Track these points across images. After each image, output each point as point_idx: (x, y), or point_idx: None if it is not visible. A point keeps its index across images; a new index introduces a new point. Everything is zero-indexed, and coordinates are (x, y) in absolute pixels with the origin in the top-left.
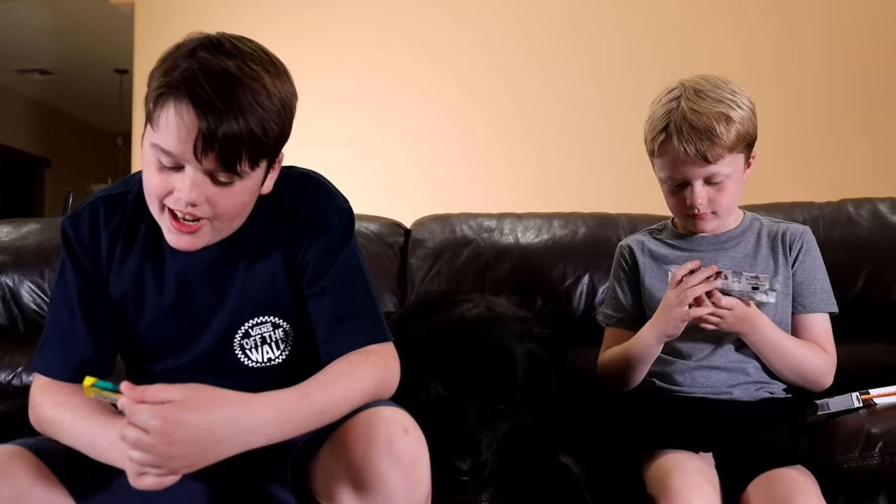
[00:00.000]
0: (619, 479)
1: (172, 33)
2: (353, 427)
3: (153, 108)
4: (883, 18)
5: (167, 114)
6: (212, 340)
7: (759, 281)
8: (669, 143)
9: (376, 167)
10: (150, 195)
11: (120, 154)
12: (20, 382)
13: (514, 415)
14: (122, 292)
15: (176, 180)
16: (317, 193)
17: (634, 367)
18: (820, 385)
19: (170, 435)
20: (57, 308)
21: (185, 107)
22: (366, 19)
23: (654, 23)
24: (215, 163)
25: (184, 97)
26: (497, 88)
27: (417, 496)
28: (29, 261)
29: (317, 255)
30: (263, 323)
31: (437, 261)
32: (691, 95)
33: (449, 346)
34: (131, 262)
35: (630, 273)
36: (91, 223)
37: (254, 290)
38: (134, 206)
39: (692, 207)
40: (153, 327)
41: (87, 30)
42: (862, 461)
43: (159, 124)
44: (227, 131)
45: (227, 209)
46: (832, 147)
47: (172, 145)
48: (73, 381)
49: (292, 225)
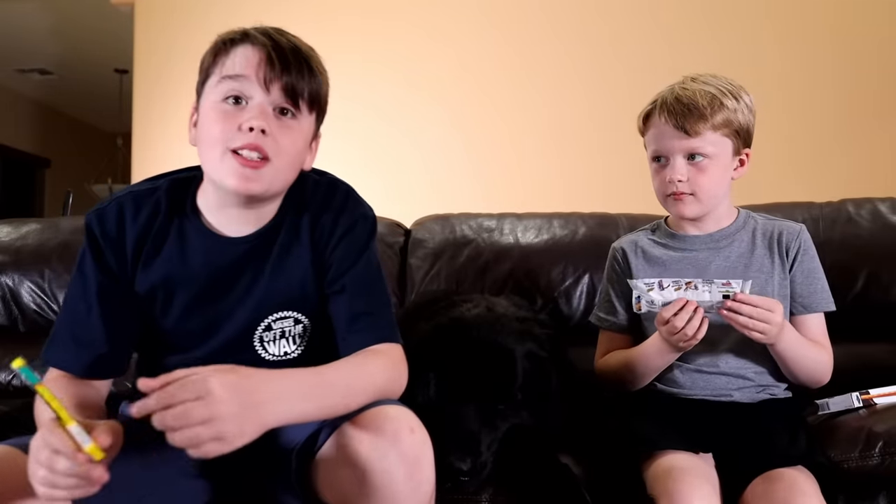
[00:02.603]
0: (619, 480)
1: (172, 33)
2: (360, 422)
3: (218, 54)
4: (883, 18)
5: (236, 51)
6: (234, 332)
7: (731, 287)
8: (654, 116)
9: (376, 167)
10: (213, 143)
11: (120, 154)
12: (20, 382)
13: (514, 415)
14: (151, 287)
15: (243, 114)
16: (346, 199)
17: (639, 379)
18: (822, 382)
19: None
20: (73, 302)
21: (254, 45)
22: (366, 19)
23: (655, 23)
24: (280, 92)
25: (254, 39)
26: (497, 88)
27: (421, 494)
28: (29, 261)
29: (340, 255)
30: (286, 318)
31: (437, 261)
32: (688, 81)
33: (449, 346)
34: (162, 259)
35: (623, 275)
36: (118, 219)
37: (282, 287)
38: (165, 204)
39: (671, 184)
40: (180, 321)
41: (87, 30)
42: (862, 461)
43: (226, 64)
44: (292, 60)
45: (286, 149)
46: (832, 147)
47: (243, 69)
48: (86, 376)
49: (321, 226)
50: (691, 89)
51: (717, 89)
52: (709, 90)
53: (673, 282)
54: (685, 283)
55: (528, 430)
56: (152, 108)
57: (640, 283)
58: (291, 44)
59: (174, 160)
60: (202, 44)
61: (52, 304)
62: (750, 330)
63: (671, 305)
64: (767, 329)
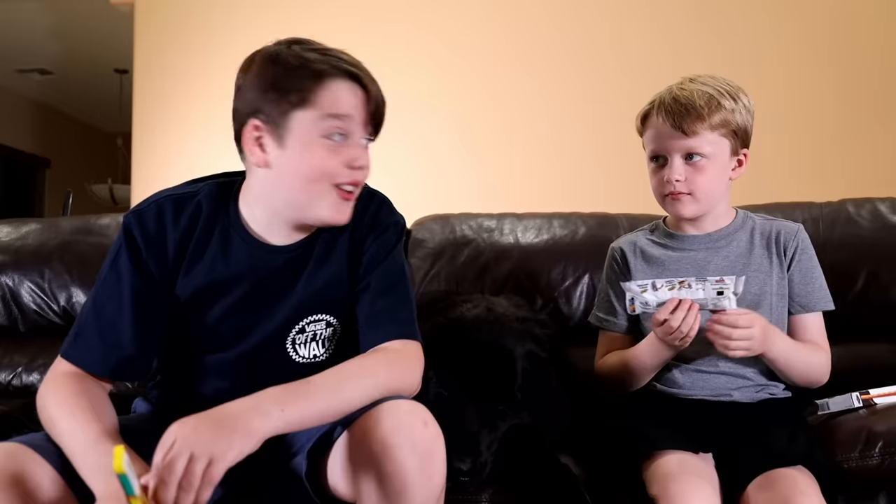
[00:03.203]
0: (619, 480)
1: (172, 33)
2: (376, 415)
3: (308, 87)
4: (883, 19)
5: (337, 87)
6: (268, 334)
7: (724, 284)
8: (652, 116)
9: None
10: (321, 177)
11: (120, 154)
12: (20, 382)
13: (514, 415)
14: (194, 291)
15: (350, 150)
16: (381, 206)
17: (637, 379)
18: (820, 383)
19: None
20: (102, 301)
21: (346, 81)
22: (365, 19)
23: (655, 23)
24: (371, 128)
25: (341, 74)
26: (498, 88)
27: (433, 486)
28: (29, 261)
29: (370, 257)
30: (319, 320)
31: (437, 261)
32: (686, 82)
33: (449, 346)
34: (204, 264)
35: (621, 276)
36: (158, 220)
37: (318, 290)
38: (207, 208)
39: (669, 184)
40: (217, 324)
41: (87, 30)
42: (862, 461)
43: (326, 100)
44: (376, 94)
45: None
46: (832, 147)
47: (349, 108)
48: (110, 377)
49: (358, 231)
50: (689, 90)
51: (714, 90)
52: (707, 90)
53: (666, 282)
54: (678, 283)
55: (528, 430)
56: (152, 108)
57: (633, 285)
58: (369, 75)
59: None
60: (202, 44)
61: (52, 305)
62: (732, 350)
63: (665, 306)
64: (749, 346)
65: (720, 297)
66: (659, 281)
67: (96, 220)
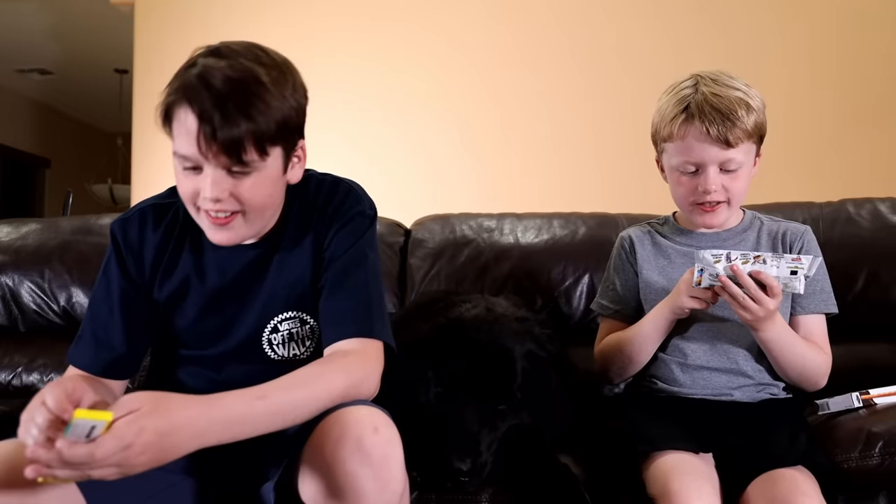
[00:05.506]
0: (619, 480)
1: (172, 33)
2: (325, 428)
3: (164, 120)
4: (884, 19)
5: (177, 122)
6: (244, 335)
7: (800, 264)
8: (690, 125)
9: (376, 167)
10: (185, 200)
11: (120, 154)
12: (20, 382)
13: (514, 415)
14: (171, 293)
15: (199, 181)
16: (346, 195)
17: (636, 353)
18: (817, 385)
19: (133, 444)
20: (97, 304)
21: (185, 111)
22: (365, 18)
23: (656, 22)
24: (223, 157)
25: (184, 103)
26: (498, 88)
27: (390, 493)
28: (29, 261)
29: (332, 250)
30: (292, 318)
31: (437, 261)
32: (709, 82)
33: (449, 346)
34: (181, 266)
35: (629, 264)
36: (140, 228)
37: (284, 286)
38: (184, 214)
39: (705, 194)
40: (194, 324)
41: (87, 30)
42: (862, 461)
43: (173, 133)
44: (224, 127)
45: (252, 199)
46: (832, 147)
47: (185, 149)
48: (102, 376)
49: (322, 223)
50: (724, 95)
51: (742, 91)
52: (739, 96)
53: (741, 254)
54: (753, 257)
55: (528, 430)
56: (152, 108)
57: (706, 254)
58: (227, 88)
59: None
60: (202, 43)
61: (52, 305)
62: (739, 304)
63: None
64: (755, 309)
65: (792, 277)
66: (734, 252)
67: (96, 220)
